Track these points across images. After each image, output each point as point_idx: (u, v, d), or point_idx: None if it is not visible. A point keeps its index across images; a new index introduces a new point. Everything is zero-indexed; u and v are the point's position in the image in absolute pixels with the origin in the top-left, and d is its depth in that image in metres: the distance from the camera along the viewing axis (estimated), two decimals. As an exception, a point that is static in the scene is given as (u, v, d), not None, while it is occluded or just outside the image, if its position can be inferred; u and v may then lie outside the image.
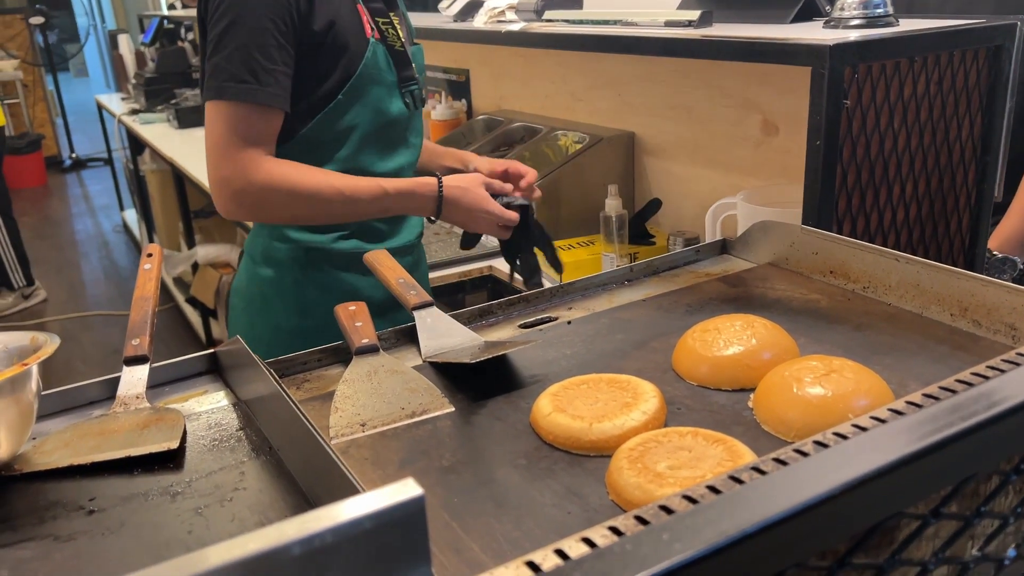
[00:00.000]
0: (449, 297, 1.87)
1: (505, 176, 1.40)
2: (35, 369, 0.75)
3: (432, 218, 1.31)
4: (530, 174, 1.41)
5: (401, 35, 1.33)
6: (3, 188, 4.36)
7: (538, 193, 1.42)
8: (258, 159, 1.19)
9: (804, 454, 0.54)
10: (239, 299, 1.42)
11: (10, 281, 4.46)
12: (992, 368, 0.66)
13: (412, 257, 1.45)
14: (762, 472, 0.52)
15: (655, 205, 1.70)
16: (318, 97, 1.26)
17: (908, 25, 1.37)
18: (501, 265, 1.84)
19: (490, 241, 1.96)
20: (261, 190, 1.19)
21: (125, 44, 5.58)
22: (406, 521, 0.40)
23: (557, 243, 1.78)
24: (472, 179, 1.31)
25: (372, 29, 1.29)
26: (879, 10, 1.35)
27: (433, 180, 1.29)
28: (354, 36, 1.27)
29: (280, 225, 1.34)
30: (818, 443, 0.56)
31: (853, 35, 1.26)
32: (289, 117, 1.24)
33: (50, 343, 0.78)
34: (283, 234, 1.34)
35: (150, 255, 1.02)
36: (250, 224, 1.50)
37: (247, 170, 1.19)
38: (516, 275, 1.41)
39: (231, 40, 1.17)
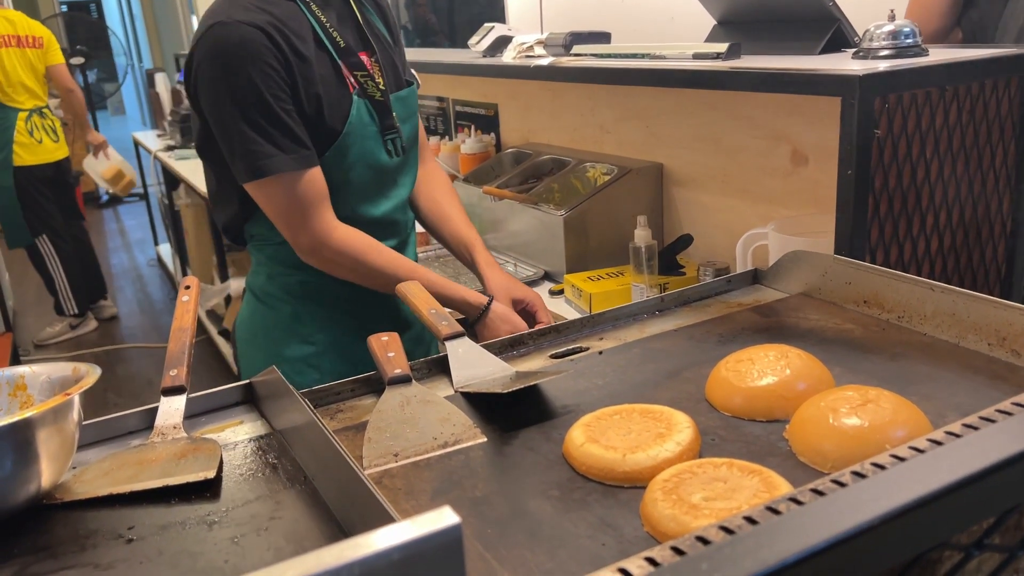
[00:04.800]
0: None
1: (521, 305, 1.40)
2: (77, 399, 0.76)
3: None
4: (542, 314, 1.40)
5: (380, 83, 1.37)
6: (65, 211, 4.48)
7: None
8: (329, 220, 1.29)
9: (842, 484, 0.53)
10: (243, 331, 1.49)
11: (62, 308, 4.57)
12: (1033, 398, 0.65)
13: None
14: (800, 503, 0.52)
15: (686, 240, 1.69)
16: None
17: (938, 55, 1.37)
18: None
19: (520, 272, 1.97)
20: (336, 254, 1.30)
21: (161, 83, 5.73)
22: (443, 550, 0.40)
23: (586, 273, 1.79)
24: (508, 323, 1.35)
25: (352, 84, 1.33)
26: (908, 40, 1.35)
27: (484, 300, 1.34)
28: (338, 99, 1.31)
29: (278, 264, 1.40)
30: (856, 473, 0.55)
31: (882, 65, 1.26)
32: None
33: (91, 374, 0.79)
34: (279, 271, 1.41)
35: (188, 287, 1.04)
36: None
37: (322, 233, 1.28)
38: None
39: (244, 122, 1.22)
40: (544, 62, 1.93)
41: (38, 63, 4.30)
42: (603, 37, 2.02)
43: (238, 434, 0.89)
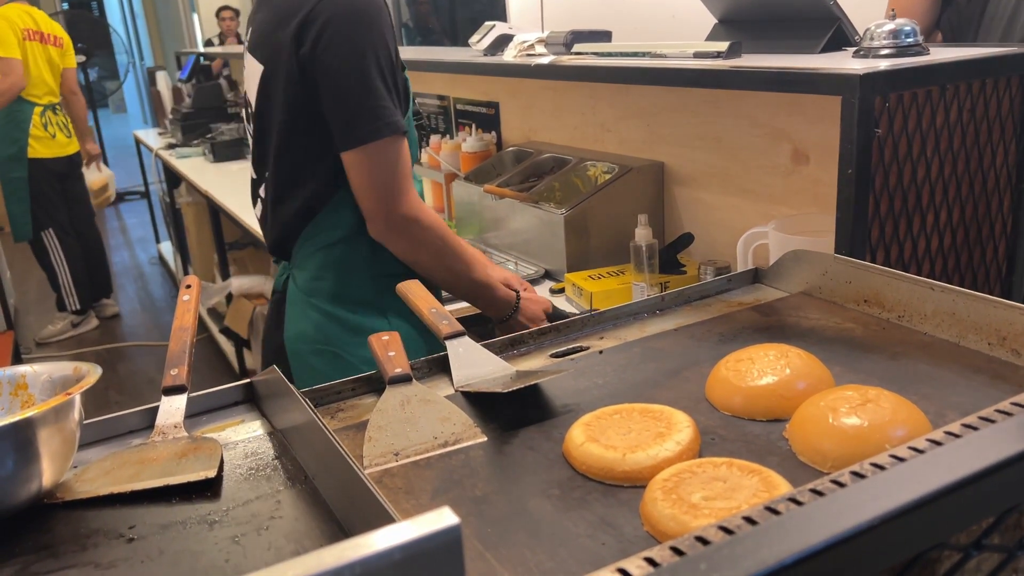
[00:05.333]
0: (479, 327, 1.87)
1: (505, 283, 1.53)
2: (78, 399, 0.76)
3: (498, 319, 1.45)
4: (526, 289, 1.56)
5: None
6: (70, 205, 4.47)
7: None
8: (417, 195, 1.32)
9: (841, 485, 0.54)
10: (307, 345, 1.42)
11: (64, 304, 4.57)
12: (1033, 398, 0.65)
13: None
14: (799, 503, 0.52)
15: (687, 239, 1.69)
16: None
17: (939, 54, 1.37)
18: (531, 295, 1.84)
19: (522, 270, 1.97)
20: (423, 229, 1.31)
21: (163, 81, 5.73)
22: (442, 550, 0.40)
23: (587, 272, 1.79)
24: (539, 303, 1.46)
25: None
26: (909, 39, 1.34)
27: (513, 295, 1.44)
28: (403, 78, 1.36)
29: (349, 263, 1.38)
30: (855, 474, 0.55)
31: (883, 64, 1.26)
32: None
33: (92, 373, 0.80)
34: (348, 270, 1.38)
35: (188, 287, 1.04)
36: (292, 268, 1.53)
37: (417, 206, 1.31)
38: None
39: (378, 79, 1.23)
40: (545, 61, 1.93)
41: (59, 61, 4.35)
42: (604, 36, 2.02)
43: (239, 433, 0.89)
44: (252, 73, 1.38)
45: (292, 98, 1.30)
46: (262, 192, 1.46)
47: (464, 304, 1.81)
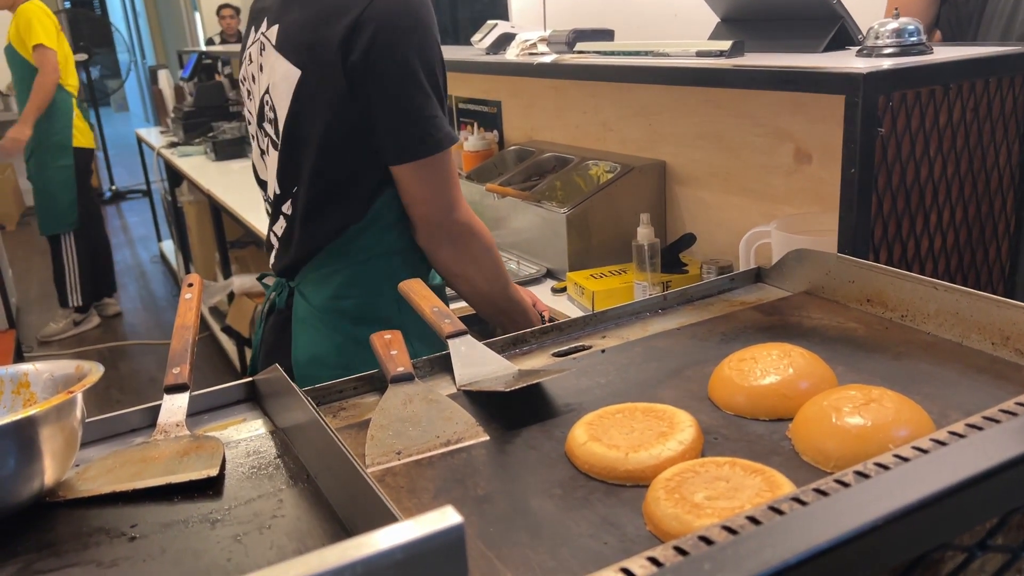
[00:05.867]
0: (481, 325, 1.87)
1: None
2: (80, 397, 0.76)
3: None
4: (540, 304, 1.56)
5: None
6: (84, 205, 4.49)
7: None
8: (468, 205, 1.30)
9: (845, 484, 0.53)
10: (325, 369, 1.31)
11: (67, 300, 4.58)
12: (1037, 398, 0.65)
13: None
14: (803, 503, 0.52)
15: (689, 239, 1.69)
16: None
17: (942, 53, 1.37)
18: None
19: (523, 269, 1.97)
20: (473, 237, 1.29)
21: (164, 79, 5.72)
22: (445, 549, 0.40)
23: (589, 271, 1.79)
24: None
25: None
26: (912, 38, 1.34)
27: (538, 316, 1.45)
28: None
29: (379, 278, 1.31)
30: (859, 473, 0.55)
31: (886, 63, 1.26)
32: None
33: (94, 372, 0.80)
34: (382, 287, 1.30)
35: (191, 285, 1.04)
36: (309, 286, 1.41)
37: (469, 213, 1.29)
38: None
39: (429, 87, 1.19)
40: (547, 59, 1.92)
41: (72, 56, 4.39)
42: (606, 34, 2.01)
43: (241, 432, 0.89)
44: (281, 76, 1.25)
45: (338, 109, 1.21)
46: (286, 208, 1.34)
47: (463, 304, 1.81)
